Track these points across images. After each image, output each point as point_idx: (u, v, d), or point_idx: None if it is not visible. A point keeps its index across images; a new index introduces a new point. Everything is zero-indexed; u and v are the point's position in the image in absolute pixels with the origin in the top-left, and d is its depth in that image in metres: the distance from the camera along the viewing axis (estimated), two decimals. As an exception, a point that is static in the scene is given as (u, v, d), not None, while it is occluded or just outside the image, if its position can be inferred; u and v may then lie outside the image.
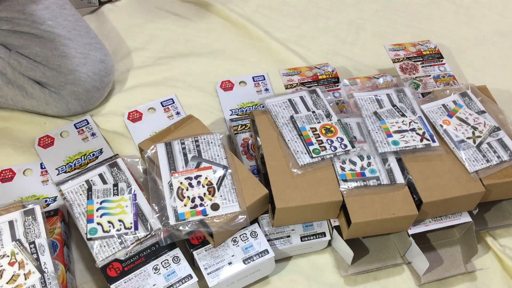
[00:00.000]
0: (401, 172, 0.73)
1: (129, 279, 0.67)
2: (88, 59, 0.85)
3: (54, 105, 0.86)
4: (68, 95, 0.85)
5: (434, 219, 0.75)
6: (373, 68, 1.03)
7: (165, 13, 1.09)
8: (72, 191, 0.72)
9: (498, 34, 1.12)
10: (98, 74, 0.86)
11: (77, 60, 0.84)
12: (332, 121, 0.77)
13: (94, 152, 0.84)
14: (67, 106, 0.86)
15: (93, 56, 0.86)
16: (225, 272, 0.68)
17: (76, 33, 0.85)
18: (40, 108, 0.87)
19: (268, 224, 0.75)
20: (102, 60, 0.87)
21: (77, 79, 0.84)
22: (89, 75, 0.85)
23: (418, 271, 0.75)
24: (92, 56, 0.86)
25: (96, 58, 0.86)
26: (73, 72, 0.83)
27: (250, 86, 0.96)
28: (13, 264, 0.64)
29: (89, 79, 0.85)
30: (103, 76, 0.87)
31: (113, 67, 0.91)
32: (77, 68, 0.83)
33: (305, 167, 0.72)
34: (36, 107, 0.87)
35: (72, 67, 0.83)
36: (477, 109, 0.81)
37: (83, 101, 0.87)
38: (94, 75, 0.85)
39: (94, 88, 0.86)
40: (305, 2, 1.15)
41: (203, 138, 0.76)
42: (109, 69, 0.89)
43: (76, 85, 0.84)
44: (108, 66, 0.88)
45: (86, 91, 0.85)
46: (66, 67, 0.83)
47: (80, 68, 0.84)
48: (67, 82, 0.83)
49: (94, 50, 0.87)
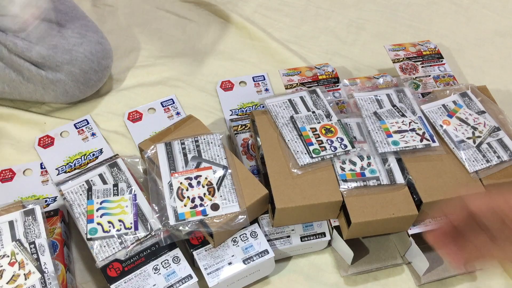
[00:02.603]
0: (401, 172, 0.73)
1: (129, 279, 0.67)
2: (85, 39, 0.84)
3: (52, 88, 0.84)
4: (65, 76, 0.83)
5: (434, 219, 0.75)
6: (373, 68, 1.03)
7: (165, 13, 1.09)
8: (72, 191, 0.72)
9: (498, 34, 1.12)
10: (95, 55, 0.85)
11: (74, 40, 0.83)
12: (332, 121, 0.77)
13: (94, 152, 0.84)
14: (65, 89, 0.85)
15: (90, 36, 0.85)
16: (225, 272, 0.68)
17: (73, 15, 0.84)
18: (37, 94, 0.86)
19: (268, 224, 0.75)
20: (99, 42, 0.86)
21: (73, 58, 0.82)
22: (86, 55, 0.83)
23: (418, 271, 0.75)
24: (89, 37, 0.84)
25: (93, 39, 0.85)
26: (70, 51, 0.82)
27: (250, 86, 0.96)
28: (13, 264, 0.64)
29: (86, 59, 0.84)
30: (101, 58, 0.86)
31: (111, 51, 0.89)
32: (73, 48, 0.82)
33: (305, 167, 0.72)
34: (33, 92, 0.85)
35: (68, 46, 0.82)
36: (477, 109, 0.81)
37: (81, 83, 0.85)
38: (91, 55, 0.84)
39: (91, 70, 0.85)
40: (305, 2, 1.15)
41: (203, 138, 0.76)
42: (106, 51, 0.87)
43: (73, 65, 0.83)
44: (105, 48, 0.87)
45: (83, 72, 0.84)
46: (63, 46, 0.82)
47: (77, 47, 0.83)
48: (64, 62, 0.82)
49: (91, 31, 0.85)
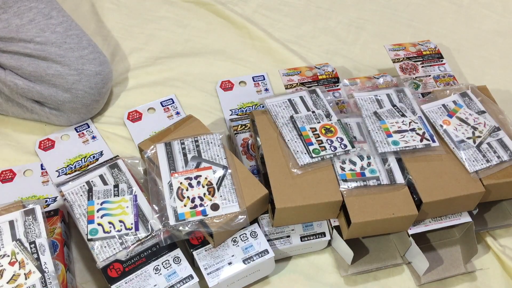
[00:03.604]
0: (401, 172, 0.73)
1: (130, 279, 0.67)
2: (83, 75, 0.82)
3: (55, 119, 0.86)
4: (68, 111, 0.84)
5: (434, 219, 0.75)
6: (373, 68, 1.03)
7: (165, 13, 1.09)
8: (73, 192, 0.72)
9: (498, 34, 1.12)
10: (95, 88, 0.84)
11: (72, 78, 0.81)
12: (332, 121, 0.77)
13: (94, 155, 0.84)
14: (68, 119, 0.86)
15: (88, 70, 0.83)
16: (225, 272, 0.68)
17: (67, 47, 0.82)
18: (42, 121, 0.88)
19: (268, 224, 0.75)
20: (97, 72, 0.84)
21: (74, 96, 0.82)
22: (86, 91, 0.83)
23: (418, 271, 0.75)
24: (86, 71, 0.83)
25: (91, 72, 0.83)
26: (70, 90, 0.82)
27: (250, 86, 0.96)
28: (13, 264, 0.64)
29: (87, 94, 0.83)
30: (101, 88, 0.85)
31: (110, 73, 0.88)
32: (73, 86, 0.82)
33: (305, 167, 0.72)
34: (38, 120, 0.88)
35: (67, 85, 0.81)
36: (477, 109, 0.81)
37: (83, 113, 0.86)
38: (91, 90, 0.83)
39: (93, 102, 0.85)
40: (305, 2, 1.15)
41: (203, 138, 0.76)
42: (106, 79, 0.86)
43: (74, 102, 0.83)
44: (104, 76, 0.85)
45: (85, 106, 0.85)
46: (62, 86, 0.81)
47: (76, 85, 0.82)
48: (65, 101, 0.82)
49: (88, 63, 0.83)
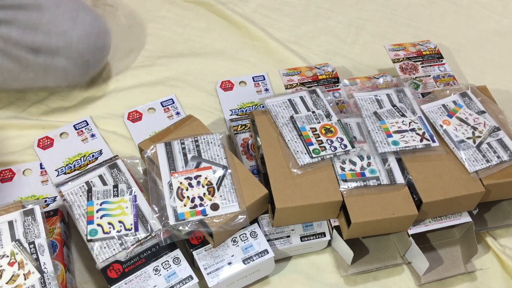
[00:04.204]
0: (401, 172, 0.73)
1: (130, 280, 0.67)
2: (77, 22, 0.82)
3: (52, 73, 0.84)
4: (64, 60, 0.83)
5: (434, 219, 0.75)
6: (373, 68, 1.03)
7: (165, 13, 1.09)
8: (72, 193, 0.72)
9: (498, 34, 1.12)
10: (90, 35, 0.83)
11: (66, 24, 0.81)
12: (332, 121, 0.77)
13: (93, 153, 0.84)
14: (65, 73, 0.85)
15: (82, 18, 0.83)
16: (225, 272, 0.68)
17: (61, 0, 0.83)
18: (38, 81, 0.85)
19: (268, 224, 0.75)
20: (92, 21, 0.84)
21: (68, 42, 0.82)
22: (80, 38, 0.82)
23: (418, 271, 0.75)
24: (81, 19, 0.83)
25: (85, 20, 0.83)
26: (63, 35, 0.81)
27: (250, 86, 0.96)
28: (12, 264, 0.64)
29: (81, 41, 0.83)
30: (97, 37, 0.85)
31: (106, 28, 0.87)
32: (66, 32, 0.81)
33: (305, 167, 0.72)
34: (35, 79, 0.85)
35: (62, 30, 0.81)
36: (477, 109, 0.81)
37: (79, 66, 0.85)
38: (85, 37, 0.83)
39: (88, 51, 0.84)
40: (305, 2, 1.15)
41: (203, 138, 0.75)
42: (102, 30, 0.86)
43: (69, 48, 0.82)
44: (100, 27, 0.85)
45: (80, 55, 0.83)
46: (56, 31, 0.81)
47: (70, 31, 0.82)
48: (59, 46, 0.81)
49: (83, 12, 0.84)
